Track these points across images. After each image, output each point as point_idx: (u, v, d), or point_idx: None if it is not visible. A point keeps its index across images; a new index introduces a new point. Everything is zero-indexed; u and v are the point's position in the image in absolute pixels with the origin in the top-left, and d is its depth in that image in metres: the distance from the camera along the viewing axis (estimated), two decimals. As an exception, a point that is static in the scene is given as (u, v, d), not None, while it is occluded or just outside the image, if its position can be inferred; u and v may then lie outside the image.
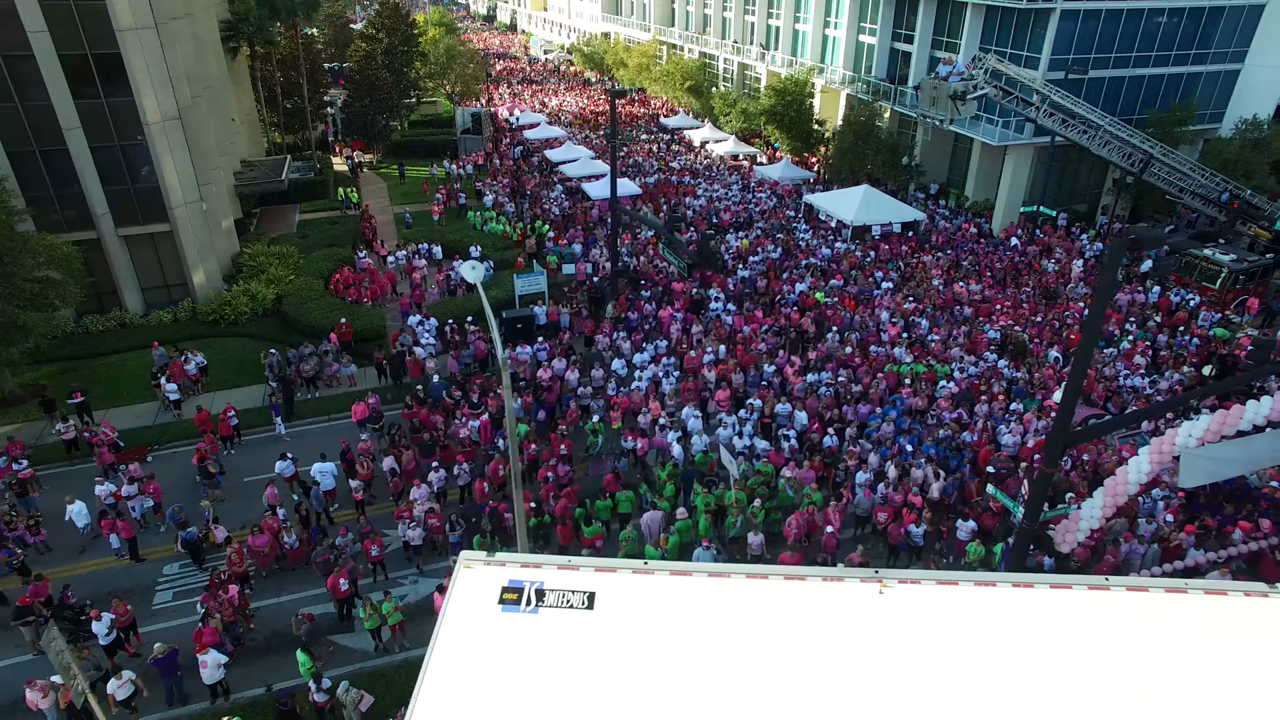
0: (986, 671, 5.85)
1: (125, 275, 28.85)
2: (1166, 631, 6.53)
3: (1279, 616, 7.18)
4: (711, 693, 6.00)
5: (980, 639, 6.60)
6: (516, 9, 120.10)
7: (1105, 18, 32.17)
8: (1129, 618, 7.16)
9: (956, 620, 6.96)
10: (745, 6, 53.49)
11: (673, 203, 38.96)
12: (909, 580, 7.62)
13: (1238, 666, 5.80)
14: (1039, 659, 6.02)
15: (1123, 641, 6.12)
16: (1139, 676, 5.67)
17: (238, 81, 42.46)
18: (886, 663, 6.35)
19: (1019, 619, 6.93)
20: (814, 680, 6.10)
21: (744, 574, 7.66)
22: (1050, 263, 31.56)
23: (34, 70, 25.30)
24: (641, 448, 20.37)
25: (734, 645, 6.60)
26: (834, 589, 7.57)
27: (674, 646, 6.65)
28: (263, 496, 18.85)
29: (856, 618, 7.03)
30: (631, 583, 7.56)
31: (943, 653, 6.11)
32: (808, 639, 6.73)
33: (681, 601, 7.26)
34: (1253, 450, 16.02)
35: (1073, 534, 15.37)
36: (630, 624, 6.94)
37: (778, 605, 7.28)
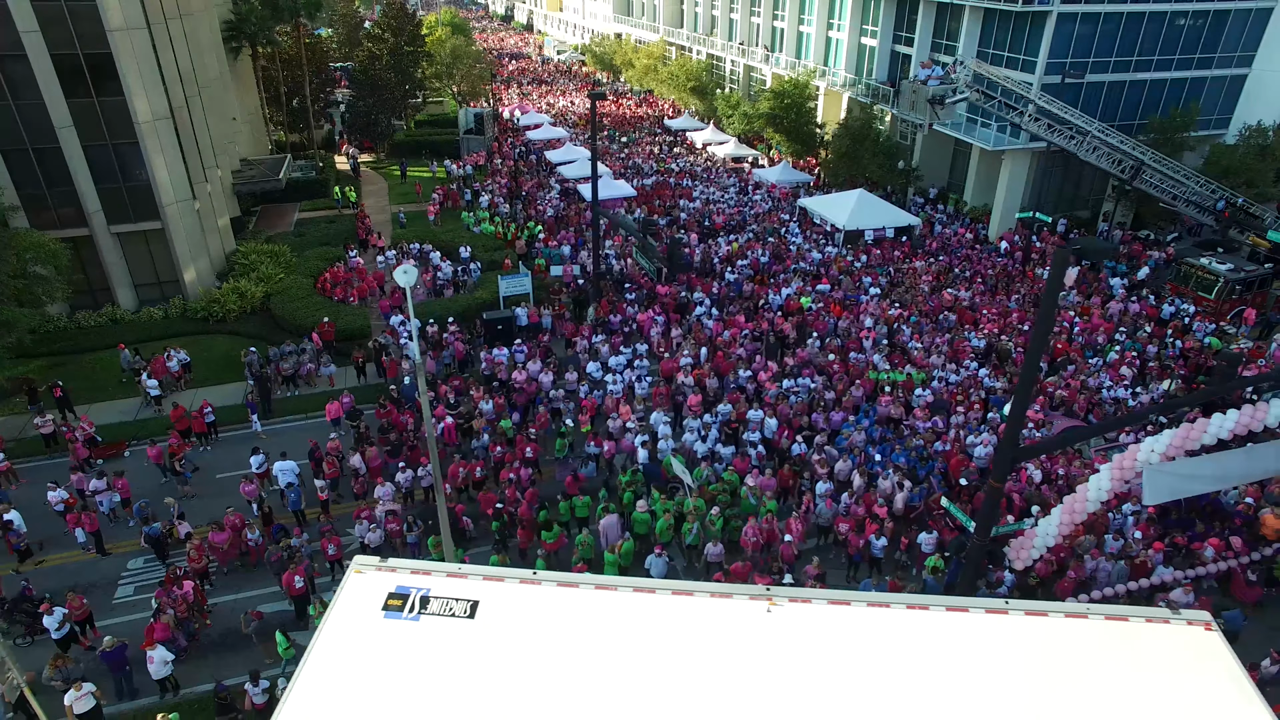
0: (861, 692, 5.75)
1: (118, 272, 29.26)
2: (1056, 656, 6.39)
3: (1176, 642, 7.04)
4: (580, 707, 5.94)
5: (864, 660, 6.50)
6: (533, 9, 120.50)
7: (1104, 21, 31.57)
8: (1020, 641, 7.04)
9: (842, 640, 6.87)
10: (751, 8, 53.22)
11: (668, 205, 38.87)
12: (800, 599, 7.56)
13: (1119, 690, 5.64)
14: (919, 680, 5.91)
15: (1008, 665, 5.98)
16: (1014, 699, 5.53)
17: (241, 80, 42.98)
18: (763, 680, 6.26)
19: (907, 641, 6.82)
20: (688, 695, 6.04)
21: (631, 588, 7.62)
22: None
23: (26, 70, 25.73)
24: (608, 451, 20.30)
25: (613, 658, 6.55)
26: (721, 605, 7.52)
27: (552, 658, 6.61)
28: (239, 491, 19.01)
29: (741, 635, 6.96)
30: (518, 593, 7.54)
31: (822, 671, 6.05)
32: (689, 654, 6.67)
33: (566, 613, 7.22)
34: (1222, 467, 15.60)
35: (1026, 550, 15.06)
36: (510, 634, 6.92)
37: (663, 620, 7.23)
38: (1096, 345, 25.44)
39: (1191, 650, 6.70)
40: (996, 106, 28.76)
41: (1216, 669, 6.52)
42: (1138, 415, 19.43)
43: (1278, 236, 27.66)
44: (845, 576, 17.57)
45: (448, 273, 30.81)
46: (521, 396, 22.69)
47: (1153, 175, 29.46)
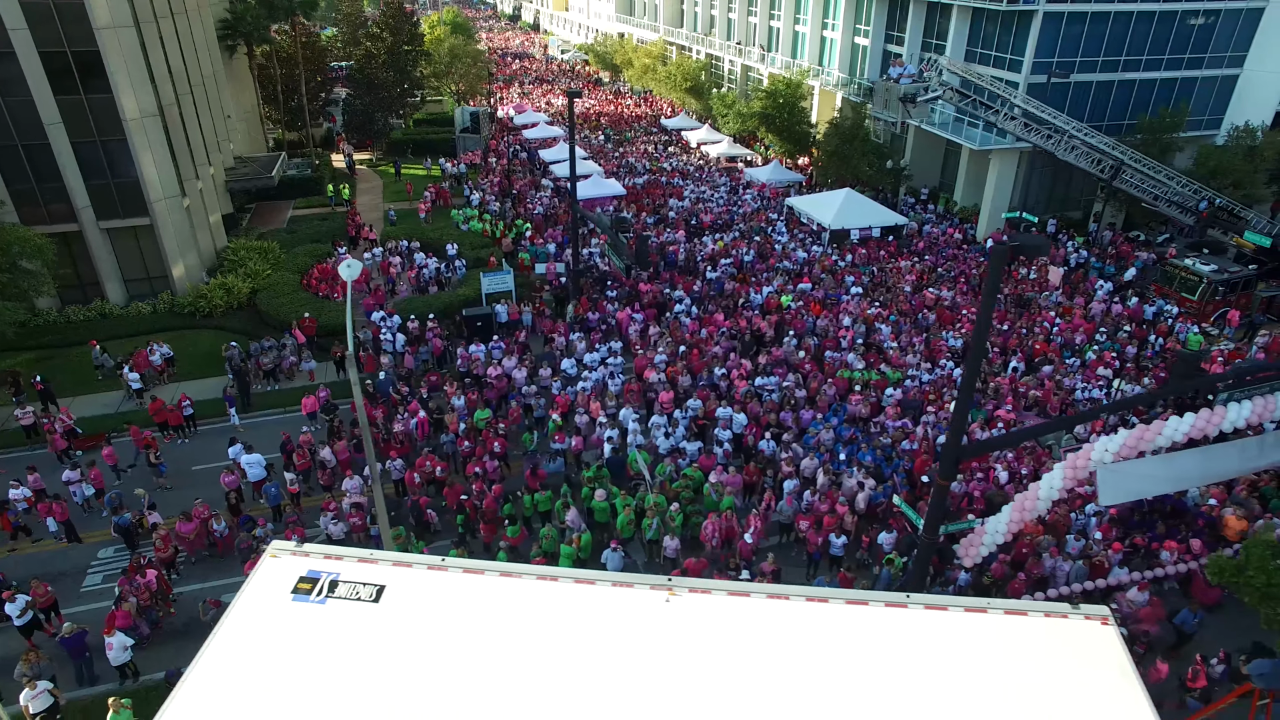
0: (750, 682, 5.84)
1: (107, 267, 29.65)
2: (949, 649, 6.47)
3: (1072, 636, 7.11)
4: (471, 692, 6.08)
5: (757, 650, 6.60)
6: (540, 9, 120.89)
7: (1091, 21, 31.41)
8: (916, 634, 7.12)
9: (738, 631, 6.98)
10: (748, 7, 53.24)
11: (656, 203, 38.99)
12: (699, 590, 7.68)
13: (1003, 682, 5.71)
14: (807, 670, 6.00)
15: (900, 657, 6.05)
16: (896, 691, 5.60)
17: (238, 79, 43.41)
18: (659, 668, 6.39)
19: (801, 632, 6.91)
20: (583, 682, 6.16)
21: (534, 575, 7.76)
22: (1029, 270, 30.94)
23: (15, 67, 26.09)
24: (575, 446, 20.44)
25: (511, 644, 6.67)
26: (621, 594, 7.65)
27: (451, 643, 6.74)
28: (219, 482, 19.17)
29: (639, 623, 7.08)
30: (425, 578, 7.69)
31: (713, 661, 6.13)
32: (586, 642, 6.79)
33: (470, 599, 7.36)
34: (1179, 468, 15.55)
35: (975, 548, 15.08)
36: (413, 619, 7.06)
37: (564, 607, 7.35)
38: (1075, 345, 25.33)
39: (1085, 644, 6.76)
40: (972, 105, 28.67)
41: (1106, 662, 6.59)
42: (1086, 414, 19.40)
43: (1255, 238, 27.45)
44: (805, 575, 17.61)
45: (432, 269, 31.03)
46: (493, 392, 22.86)
47: (1132, 175, 29.28)
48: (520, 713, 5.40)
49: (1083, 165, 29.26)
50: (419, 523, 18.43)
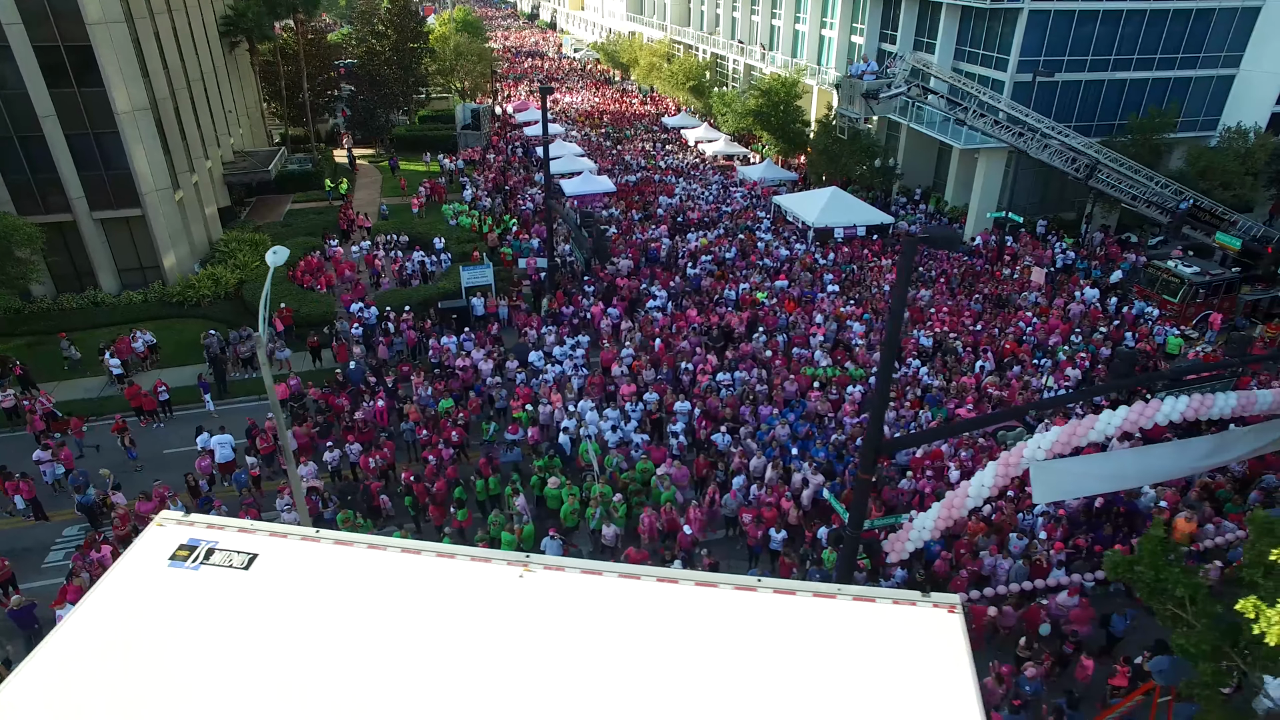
0: (593, 656, 6.09)
1: (100, 256, 30.46)
2: (792, 631, 6.68)
3: (915, 624, 7.31)
4: (325, 656, 6.41)
5: (604, 626, 6.89)
6: (557, 7, 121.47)
7: (1079, 20, 31.07)
8: (762, 617, 7.35)
9: (588, 607, 7.29)
10: (752, 6, 53.23)
11: (646, 201, 39.20)
12: (554, 567, 8.01)
13: (838, 666, 5.90)
14: (650, 649, 6.24)
15: (743, 638, 6.25)
16: (732, 670, 5.81)
17: (241, 74, 44.25)
18: (506, 639, 6.71)
19: (650, 611, 7.18)
20: (430, 650, 6.48)
21: (399, 548, 8.11)
22: (1012, 270, 30.72)
23: (10, 61, 26.92)
24: (532, 436, 20.72)
25: (368, 613, 7.02)
26: (480, 568, 7.99)
27: (312, 610, 7.10)
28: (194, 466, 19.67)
29: (493, 596, 7.41)
30: (297, 549, 8.06)
31: (560, 634, 6.42)
32: (442, 613, 7.13)
33: (338, 569, 7.71)
34: (1117, 466, 15.48)
35: (901, 544, 15.10)
36: (279, 587, 7.44)
37: (425, 580, 7.69)
38: (1047, 346, 25.14)
39: (927, 631, 6.94)
40: (940, 102, 28.47)
41: (942, 649, 6.76)
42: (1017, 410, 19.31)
43: (1226, 239, 27.01)
44: (748, 567, 17.73)
45: (416, 263, 31.49)
46: (457, 383, 23.20)
47: (1109, 175, 28.91)
48: (365, 678, 5.68)
49: (1057, 165, 28.96)
50: (369, 507, 18.79)
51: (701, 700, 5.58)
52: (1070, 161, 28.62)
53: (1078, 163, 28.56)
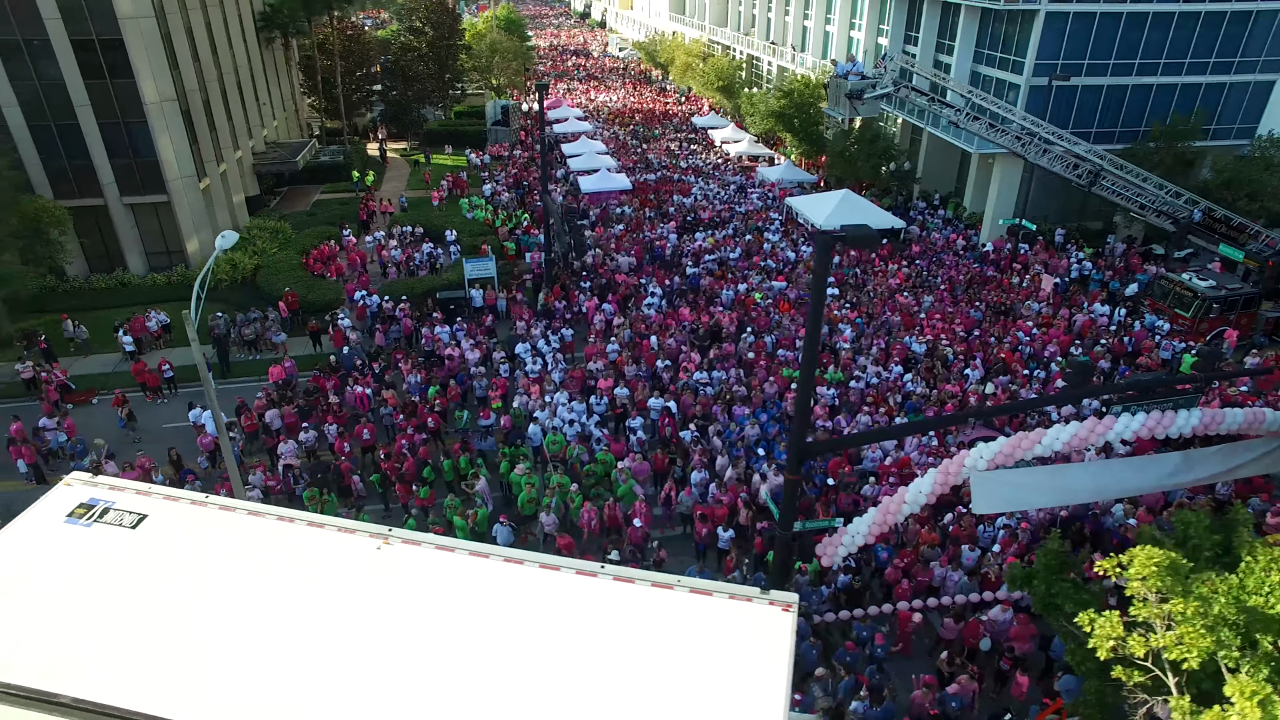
0: (431, 627, 6.56)
1: (129, 239, 32.07)
2: (625, 618, 7.04)
3: (745, 619, 7.57)
4: (187, 614, 7.00)
5: (447, 600, 7.39)
6: (607, 6, 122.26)
7: (1101, 21, 30.00)
8: (597, 603, 7.72)
9: (433, 580, 7.76)
10: (785, 7, 52.87)
11: (660, 199, 39.38)
12: (411, 542, 8.52)
13: (656, 654, 6.22)
14: (484, 625, 6.68)
15: (574, 622, 6.63)
16: (553, 652, 6.18)
17: (277, 68, 45.85)
18: (356, 604, 7.25)
19: (493, 590, 7.63)
20: (285, 612, 7.04)
21: (275, 516, 8.70)
22: (1022, 278, 29.96)
23: (50, 53, 28.59)
24: (505, 424, 21.14)
25: (236, 576, 7.61)
26: (344, 538, 8.54)
27: (184, 570, 7.73)
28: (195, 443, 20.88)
29: (352, 565, 7.97)
30: (186, 512, 8.73)
31: (405, 603, 6.93)
32: (303, 579, 7.70)
33: (218, 533, 8.35)
34: (1066, 481, 15.09)
35: (834, 549, 15.02)
36: (160, 547, 8.09)
37: (296, 547, 8.27)
38: (1043, 358, 24.49)
39: (754, 627, 7.17)
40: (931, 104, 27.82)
41: (764, 645, 6.97)
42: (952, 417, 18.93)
43: (1230, 251, 25.79)
44: (698, 566, 17.81)
45: (425, 254, 32.30)
46: (442, 371, 23.80)
47: (1114, 182, 27.85)
48: (215, 636, 6.13)
49: (1057, 170, 28.06)
50: (340, 487, 19.47)
51: (511, 675, 5.92)
52: (1072, 168, 27.73)
53: (1080, 169, 27.65)
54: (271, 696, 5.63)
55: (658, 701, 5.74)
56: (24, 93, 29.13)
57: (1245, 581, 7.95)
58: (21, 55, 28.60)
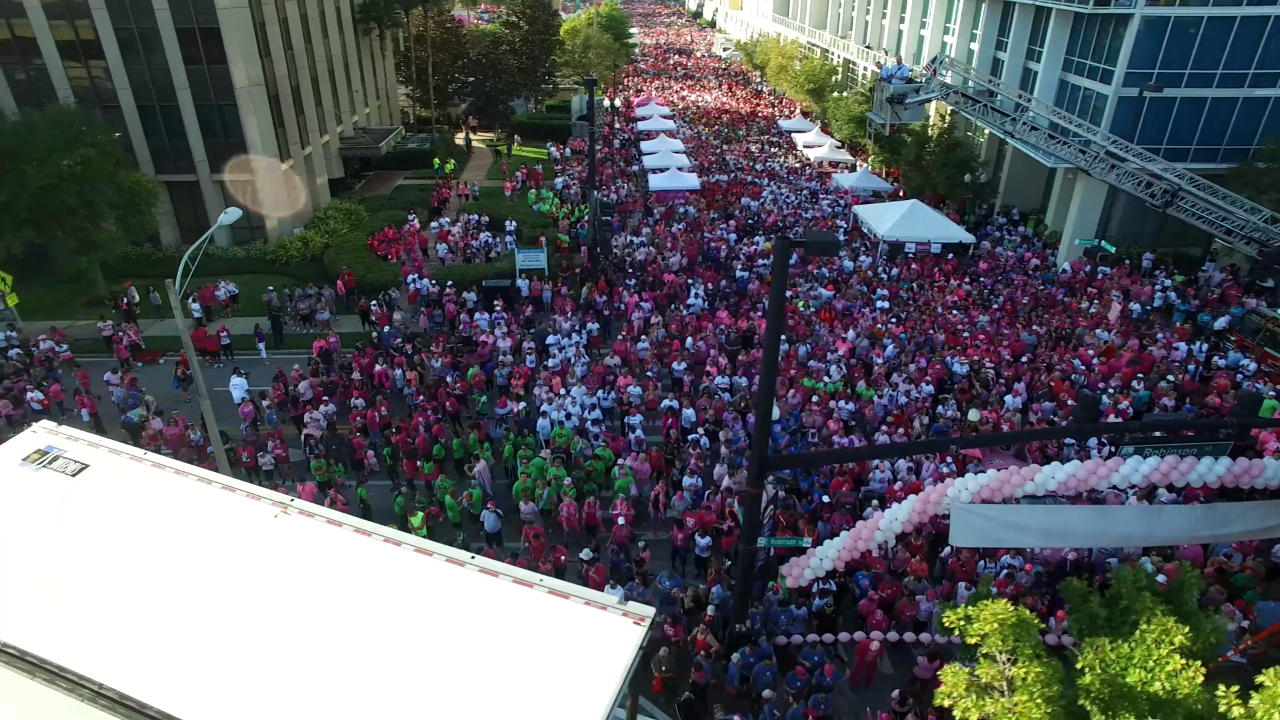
0: (301, 590, 7.10)
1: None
2: (474, 609, 7.48)
3: (594, 627, 7.75)
4: (92, 556, 7.84)
5: (323, 567, 7.97)
6: (718, 6, 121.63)
7: (1207, 27, 27.19)
8: (457, 591, 8.11)
9: (316, 550, 8.35)
10: (882, 10, 51.06)
11: (727, 201, 38.93)
12: (305, 513, 9.11)
13: (492, 651, 6.50)
14: (347, 597, 7.09)
15: (429, 605, 7.00)
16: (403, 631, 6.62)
17: (374, 57, 48.04)
18: (246, 562, 7.98)
19: (370, 567, 8.16)
20: (181, 563, 7.83)
21: (197, 477, 9.52)
22: (1090, 303, 27.82)
23: (158, 40, 31.07)
24: (517, 413, 21.44)
25: (146, 526, 8.45)
26: (249, 503, 9.26)
27: (103, 517, 8.64)
28: None
29: (251, 529, 8.70)
30: (123, 466, 9.66)
31: (290, 566, 7.50)
32: (203, 534, 8.50)
33: (145, 488, 9.23)
34: (1060, 523, 13.96)
35: (800, 570, 14.45)
36: (92, 496, 9.05)
37: (207, 506, 9.09)
38: (1096, 389, 22.67)
39: (601, 636, 7.30)
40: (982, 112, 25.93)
41: (603, 653, 7.09)
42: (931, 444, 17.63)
43: None
44: (672, 570, 17.56)
45: (481, 242, 33.19)
46: (473, 357, 24.38)
47: (1194, 203, 25.18)
48: (113, 581, 6.96)
49: (1127, 189, 25.66)
50: (352, 460, 20.29)
51: (352, 646, 6.43)
52: (1144, 186, 25.34)
53: (1154, 188, 25.24)
54: (128, 636, 6.33)
55: (482, 690, 6.05)
56: (134, 77, 31.78)
57: (1134, 652, 7.11)
58: (134, 44, 31.20)
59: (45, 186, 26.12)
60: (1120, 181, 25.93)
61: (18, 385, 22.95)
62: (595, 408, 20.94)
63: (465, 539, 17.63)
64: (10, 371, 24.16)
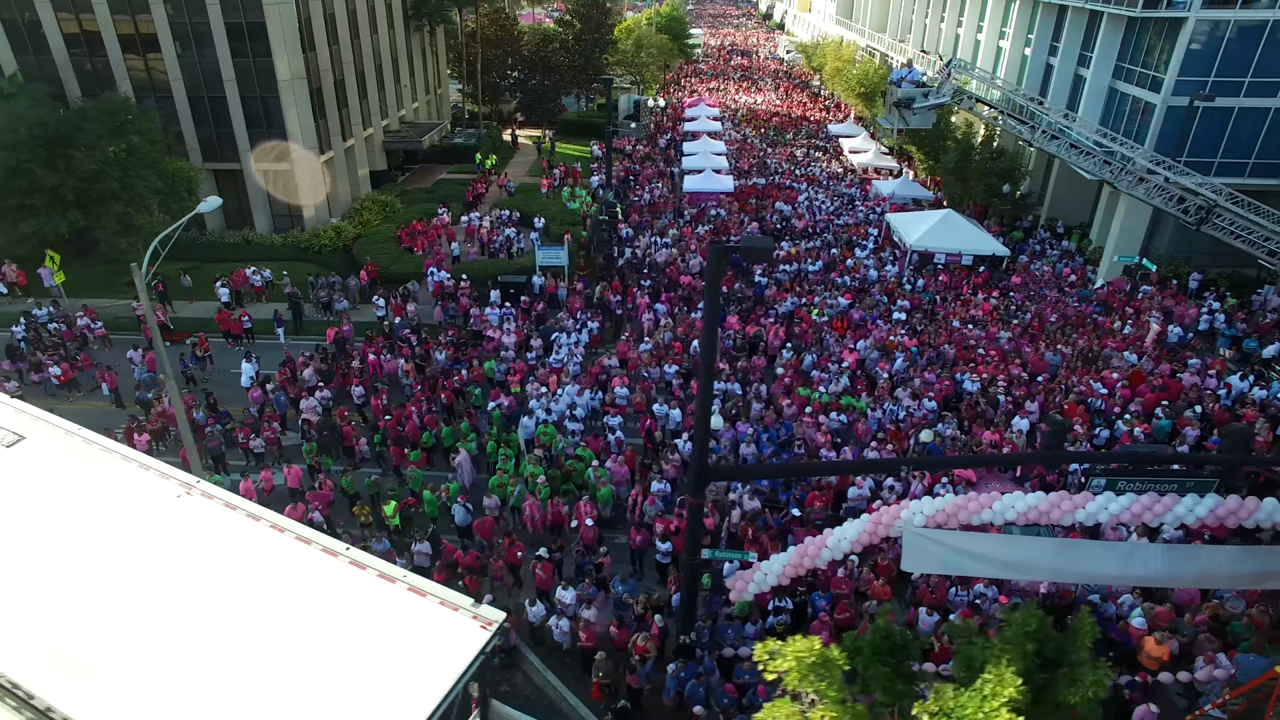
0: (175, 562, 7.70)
1: (258, 201, 35.78)
2: (339, 597, 7.64)
3: (442, 626, 8.04)
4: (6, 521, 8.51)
5: (202, 544, 8.50)
6: (787, 8, 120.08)
7: (1272, 32, 25.18)
8: (329, 579, 8.48)
9: (210, 529, 8.92)
10: (940, 14, 49.44)
11: (758, 205, 38.36)
12: (207, 495, 9.62)
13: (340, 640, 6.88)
14: (201, 570, 7.64)
15: (300, 591, 7.47)
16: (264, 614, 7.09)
17: (424, 53, 49.06)
18: (146, 533, 8.66)
19: (247, 548, 8.66)
20: (86, 529, 8.51)
21: (121, 454, 10.21)
22: (1124, 324, 26.28)
23: (209, 33, 32.45)
24: (509, 407, 21.53)
25: (64, 496, 9.22)
26: (157, 480, 9.84)
27: (28, 486, 9.41)
28: None
29: (155, 504, 9.31)
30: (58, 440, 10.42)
31: (172, 542, 8.10)
32: (115, 506, 9.16)
33: (72, 460, 10.03)
34: (1020, 554, 13.16)
35: (744, 584, 14.05)
36: (21, 464, 9.82)
37: (120, 480, 9.75)
38: (1111, 415, 21.40)
39: (448, 636, 7.60)
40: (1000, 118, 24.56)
41: (447, 655, 7.35)
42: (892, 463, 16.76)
43: None
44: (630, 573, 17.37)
45: (503, 237, 33.56)
46: (476, 351, 24.65)
47: (1231, 221, 23.30)
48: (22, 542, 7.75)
49: (1157, 203, 23.95)
50: (343, 447, 20.76)
51: (205, 624, 6.91)
52: (1175, 201, 23.63)
53: (1187, 204, 23.53)
54: None
55: (322, 674, 6.42)
56: (186, 69, 33.28)
57: (965, 705, 6.63)
58: (188, 37, 32.65)
59: (91, 172, 27.58)
60: (1150, 196, 24.34)
61: (51, 358, 24.34)
62: (575, 407, 20.86)
63: (436, 530, 17.83)
64: (49, 344, 25.67)
